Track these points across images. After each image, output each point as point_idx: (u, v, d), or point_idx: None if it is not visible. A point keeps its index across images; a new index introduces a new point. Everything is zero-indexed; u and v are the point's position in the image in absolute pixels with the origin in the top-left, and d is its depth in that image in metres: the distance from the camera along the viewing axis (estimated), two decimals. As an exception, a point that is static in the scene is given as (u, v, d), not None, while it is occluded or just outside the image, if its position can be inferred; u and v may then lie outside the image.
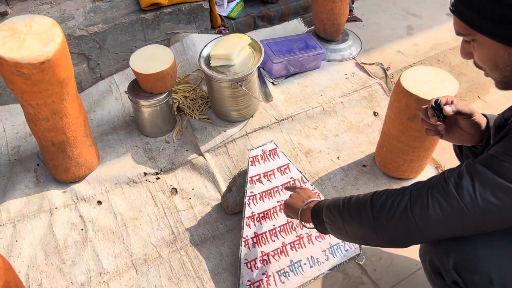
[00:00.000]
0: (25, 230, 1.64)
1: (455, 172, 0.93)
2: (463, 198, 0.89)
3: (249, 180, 1.62)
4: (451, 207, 0.91)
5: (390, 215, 0.99)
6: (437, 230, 0.95)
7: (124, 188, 1.79)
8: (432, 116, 1.13)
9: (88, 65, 2.15)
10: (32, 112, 1.54)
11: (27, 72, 1.35)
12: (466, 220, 0.90)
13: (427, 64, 2.35)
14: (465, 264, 1.00)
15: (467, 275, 1.00)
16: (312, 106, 2.07)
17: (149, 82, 1.82)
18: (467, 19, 0.91)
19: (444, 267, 1.04)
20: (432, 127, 1.18)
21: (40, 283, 1.52)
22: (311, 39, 2.28)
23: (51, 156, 1.70)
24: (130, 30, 2.14)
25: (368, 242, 1.10)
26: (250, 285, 1.48)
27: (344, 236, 1.14)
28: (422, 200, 0.95)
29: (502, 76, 0.95)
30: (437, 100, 1.11)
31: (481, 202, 0.87)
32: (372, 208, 1.03)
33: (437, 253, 1.05)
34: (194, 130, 1.97)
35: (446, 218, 0.92)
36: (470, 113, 1.13)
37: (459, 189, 0.90)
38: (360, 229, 1.07)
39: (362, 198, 1.09)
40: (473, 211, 0.88)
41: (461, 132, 1.18)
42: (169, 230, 1.68)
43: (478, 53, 0.95)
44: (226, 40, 1.89)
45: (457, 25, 0.96)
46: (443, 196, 0.92)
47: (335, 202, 1.15)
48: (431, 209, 0.93)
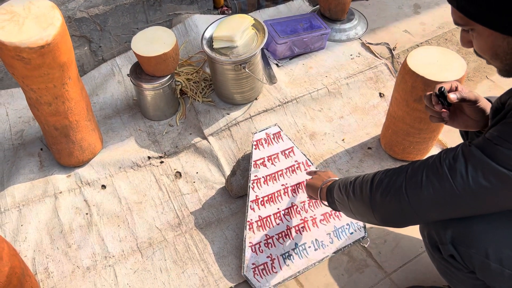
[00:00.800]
0: (30, 214, 1.65)
1: (450, 154, 0.93)
2: (455, 180, 0.90)
3: (253, 163, 1.61)
4: (443, 188, 0.92)
5: (385, 192, 1.02)
6: (429, 209, 0.97)
7: (128, 172, 1.79)
8: (436, 104, 1.12)
9: (90, 48, 2.12)
10: (33, 97, 1.53)
11: (27, 56, 1.33)
12: (457, 201, 0.92)
13: (434, 43, 2.30)
14: (462, 238, 1.01)
15: (463, 249, 1.02)
16: (317, 87, 2.04)
17: (151, 65, 1.79)
18: (464, 9, 0.89)
19: (441, 241, 1.05)
20: (436, 114, 1.16)
21: (46, 267, 1.53)
22: (315, 19, 2.23)
23: (54, 140, 1.70)
24: (132, 11, 2.10)
25: (367, 219, 1.13)
26: (255, 268, 1.49)
27: (350, 213, 1.20)
28: (416, 180, 0.96)
29: (503, 64, 0.93)
30: (441, 87, 1.10)
31: (472, 185, 0.88)
32: (371, 185, 1.07)
33: (435, 227, 1.07)
34: (198, 113, 1.96)
35: (437, 198, 0.93)
36: (474, 100, 1.12)
37: (452, 171, 0.90)
38: (360, 206, 1.11)
39: (366, 176, 1.12)
40: (464, 193, 0.89)
41: (465, 118, 1.16)
42: (173, 214, 1.68)
43: (477, 43, 0.94)
44: (229, 21, 1.86)
45: (454, 15, 0.94)
46: (437, 177, 0.93)
47: (345, 180, 1.21)
48: (424, 189, 0.95)
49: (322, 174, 1.42)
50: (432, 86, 1.52)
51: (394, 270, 1.53)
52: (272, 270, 1.50)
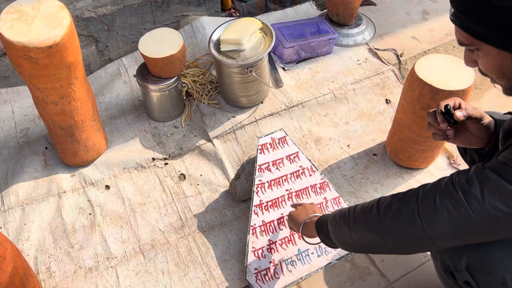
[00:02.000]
0: (33, 213, 1.65)
1: (463, 177, 0.90)
2: (471, 204, 0.86)
3: (258, 168, 1.60)
4: (459, 212, 0.88)
5: (396, 217, 0.97)
6: (444, 235, 0.92)
7: (132, 173, 1.79)
8: (442, 122, 1.09)
9: (97, 48, 2.12)
10: (40, 96, 1.53)
11: (34, 56, 1.33)
12: (474, 227, 0.88)
13: (442, 50, 2.29)
14: (478, 265, 0.98)
15: (480, 276, 0.99)
16: (323, 92, 2.04)
17: (158, 66, 1.79)
18: (469, 29, 0.87)
19: (456, 267, 1.02)
20: (441, 132, 1.14)
21: (48, 267, 1.53)
22: (323, 23, 2.23)
23: (60, 140, 1.70)
24: (139, 12, 2.10)
25: (375, 248, 1.07)
26: (257, 273, 1.48)
27: (350, 245, 1.11)
28: (429, 204, 0.92)
29: (510, 83, 0.91)
30: (447, 105, 1.08)
31: (490, 209, 0.84)
32: (379, 210, 1.01)
33: (450, 253, 1.04)
34: (203, 115, 1.95)
35: (453, 224, 0.89)
36: (480, 117, 1.10)
37: (467, 195, 0.87)
38: (367, 234, 1.04)
39: (368, 203, 1.07)
40: (481, 218, 0.86)
41: (469, 135, 1.14)
42: (177, 216, 1.68)
43: (483, 62, 0.91)
44: (237, 24, 1.85)
45: (459, 35, 0.91)
46: (451, 201, 0.89)
47: (341, 211, 1.14)
48: (438, 213, 0.90)
49: (308, 206, 1.35)
50: (439, 94, 1.52)
51: (397, 279, 1.52)
52: (274, 276, 1.49)
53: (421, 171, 1.83)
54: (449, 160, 1.87)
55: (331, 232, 1.16)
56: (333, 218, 1.15)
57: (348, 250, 1.17)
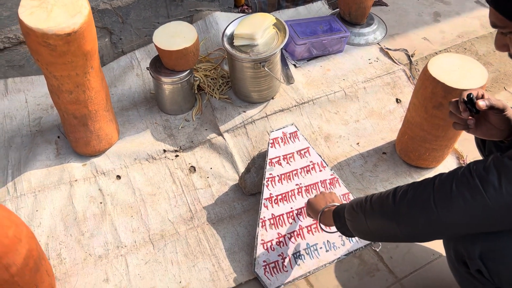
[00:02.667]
0: (45, 200, 1.66)
1: (481, 165, 0.91)
2: (488, 192, 0.87)
3: (269, 161, 1.61)
4: (475, 200, 0.89)
5: (412, 204, 0.98)
6: (459, 222, 0.93)
7: (143, 164, 1.80)
8: (464, 111, 1.09)
9: (110, 40, 2.14)
10: (55, 84, 1.55)
11: (53, 43, 1.35)
12: (490, 214, 0.89)
13: (453, 52, 2.30)
14: (491, 253, 0.99)
15: (492, 265, 0.99)
16: (334, 90, 2.04)
17: (171, 59, 1.80)
18: (505, 10, 0.87)
19: (469, 255, 1.03)
20: (462, 121, 1.14)
21: (59, 253, 1.55)
22: (335, 21, 2.24)
23: (73, 129, 1.71)
24: (154, 5, 2.12)
25: (390, 235, 1.08)
26: (266, 266, 1.49)
27: (366, 232, 1.14)
28: (445, 191, 0.93)
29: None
30: (470, 94, 1.08)
31: (507, 197, 0.85)
32: (395, 198, 1.03)
33: (463, 241, 1.04)
34: (214, 109, 1.97)
35: (468, 211, 0.90)
36: (502, 108, 1.10)
37: (485, 183, 0.88)
38: (382, 221, 1.06)
39: (385, 192, 1.09)
40: (498, 206, 0.87)
41: (490, 127, 1.14)
42: (186, 208, 1.69)
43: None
44: (251, 19, 1.87)
45: (493, 16, 0.91)
46: (468, 189, 0.90)
47: (358, 199, 1.17)
48: (454, 200, 0.91)
49: (327, 195, 1.38)
50: (452, 93, 1.52)
51: (405, 276, 1.52)
52: (283, 269, 1.50)
53: (430, 170, 1.83)
54: (458, 160, 1.87)
55: (348, 220, 1.18)
56: (350, 206, 1.18)
57: (364, 238, 1.19)
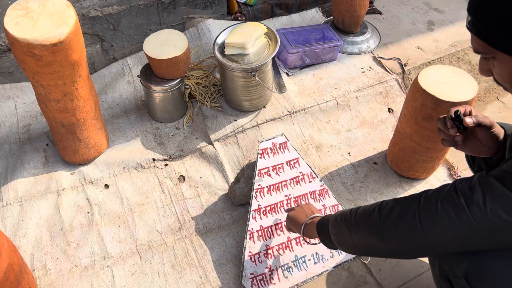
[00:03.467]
0: (32, 210, 1.65)
1: (466, 184, 0.90)
2: (472, 211, 0.86)
3: (258, 172, 1.60)
4: (460, 219, 0.88)
5: (398, 221, 0.97)
6: (444, 241, 0.92)
7: (132, 173, 1.79)
8: (451, 128, 1.09)
9: (102, 47, 2.13)
10: (43, 93, 1.53)
11: (38, 53, 1.33)
12: (474, 234, 0.88)
13: (446, 61, 2.29)
14: (476, 272, 0.98)
15: (477, 284, 0.98)
16: (326, 99, 2.03)
17: (161, 68, 1.79)
18: (486, 37, 0.87)
19: (454, 274, 1.02)
20: (450, 138, 1.14)
21: (44, 264, 1.53)
22: (328, 30, 2.23)
23: (61, 137, 1.70)
24: (146, 12, 2.11)
25: (375, 250, 1.07)
26: (253, 278, 1.47)
27: (350, 247, 1.12)
28: (430, 209, 0.92)
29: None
30: (457, 111, 1.08)
31: (491, 217, 0.84)
32: (380, 214, 1.01)
33: (448, 259, 1.04)
34: (205, 118, 1.95)
35: (453, 230, 0.89)
36: (490, 125, 1.10)
37: (469, 202, 0.87)
38: (367, 236, 1.05)
39: (369, 206, 1.07)
40: (482, 226, 0.86)
41: (478, 143, 1.14)
42: (175, 218, 1.68)
43: (498, 71, 0.91)
44: (242, 28, 1.86)
45: (475, 43, 0.91)
46: (453, 207, 0.89)
47: (342, 212, 1.15)
48: (439, 218, 0.90)
49: (305, 207, 1.36)
50: (442, 105, 1.51)
51: (394, 289, 1.51)
52: (270, 281, 1.49)
53: (421, 181, 1.82)
54: (449, 171, 1.86)
55: (332, 233, 1.16)
56: (335, 219, 1.15)
57: (348, 251, 1.17)
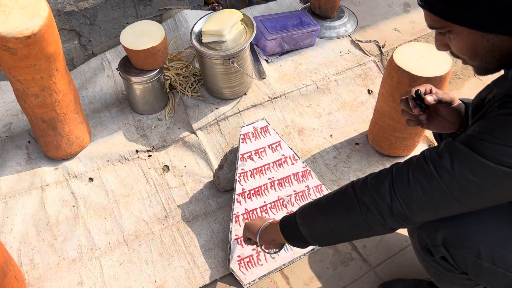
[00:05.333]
0: (16, 206, 1.64)
1: (434, 151, 0.92)
2: (442, 176, 0.88)
3: (240, 157, 1.62)
4: (431, 185, 0.90)
5: (373, 194, 0.97)
6: (419, 209, 0.94)
7: (115, 165, 1.79)
8: (414, 107, 1.11)
9: (80, 42, 2.12)
10: (20, 88, 1.53)
11: (13, 46, 1.33)
12: (446, 198, 0.90)
13: (423, 41, 2.32)
14: (453, 239, 1.00)
15: (455, 250, 1.00)
16: (306, 84, 2.05)
17: (139, 59, 1.80)
18: (440, 11, 0.88)
19: (433, 243, 1.04)
20: (414, 118, 1.16)
21: (32, 259, 1.53)
22: (306, 15, 2.25)
23: (42, 133, 1.69)
24: (122, 6, 2.10)
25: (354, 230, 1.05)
26: (240, 261, 1.49)
27: (326, 234, 1.07)
28: (402, 179, 0.94)
29: (482, 62, 0.93)
30: (418, 90, 1.10)
31: (460, 179, 0.86)
32: (354, 189, 1.01)
33: (426, 229, 1.05)
34: (187, 107, 1.96)
35: (426, 197, 0.91)
36: (450, 101, 1.12)
37: (438, 168, 0.89)
38: (345, 215, 1.03)
39: (340, 187, 1.06)
40: (452, 189, 0.88)
41: (442, 120, 1.17)
42: (160, 207, 1.69)
43: (455, 44, 0.92)
44: (218, 15, 1.86)
45: (429, 19, 0.92)
46: (423, 175, 0.91)
47: (310, 203, 1.12)
48: (411, 187, 0.92)
49: (265, 218, 1.29)
50: (417, 81, 1.54)
51: (379, 264, 1.54)
52: (257, 263, 1.51)
53: (402, 158, 1.86)
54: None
55: (301, 225, 1.10)
56: (302, 210, 1.12)
57: (322, 243, 1.13)
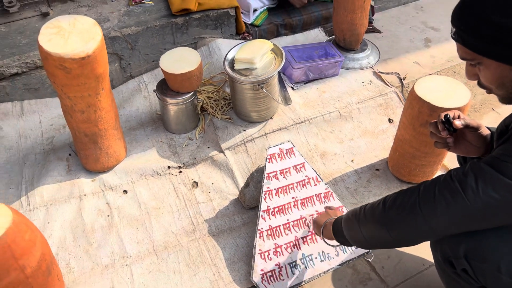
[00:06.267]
0: (56, 213, 1.77)
1: (460, 170, 1.01)
2: (467, 193, 0.96)
3: (266, 176, 1.71)
4: (455, 201, 0.98)
5: (400, 209, 1.07)
6: (443, 223, 1.02)
7: (148, 179, 1.91)
8: (443, 130, 1.21)
9: (120, 65, 2.29)
10: (69, 104, 1.68)
11: (68, 66, 1.48)
12: (469, 213, 0.98)
13: (442, 75, 2.42)
14: (475, 252, 1.06)
15: (476, 264, 1.07)
16: (329, 110, 2.16)
17: (176, 82, 1.94)
18: (471, 45, 0.98)
19: (455, 255, 1.10)
20: (442, 140, 1.26)
21: (68, 263, 1.64)
22: (330, 47, 2.38)
23: (83, 146, 1.83)
24: (161, 33, 2.28)
25: (381, 241, 1.16)
26: (263, 274, 1.57)
27: (361, 240, 1.23)
28: (429, 196, 1.03)
29: (508, 93, 1.03)
30: (447, 114, 1.20)
31: (483, 196, 0.94)
32: (384, 205, 1.13)
33: (449, 242, 1.12)
34: (216, 128, 2.09)
35: (450, 212, 0.99)
36: (477, 127, 1.22)
37: (464, 185, 0.97)
38: (374, 227, 1.15)
39: (376, 201, 1.18)
40: (475, 205, 0.96)
41: (467, 145, 1.25)
42: (189, 220, 1.79)
43: (484, 75, 1.02)
44: (250, 45, 2.01)
45: (461, 51, 1.03)
46: (449, 192, 0.99)
47: (354, 210, 1.27)
48: (437, 203, 1.00)
49: (330, 211, 1.49)
50: (437, 111, 1.63)
51: (396, 285, 1.59)
52: (279, 278, 1.58)
53: (421, 185, 1.92)
54: (448, 176, 1.96)
55: (344, 229, 1.28)
56: (347, 216, 1.28)
57: (359, 245, 1.28)
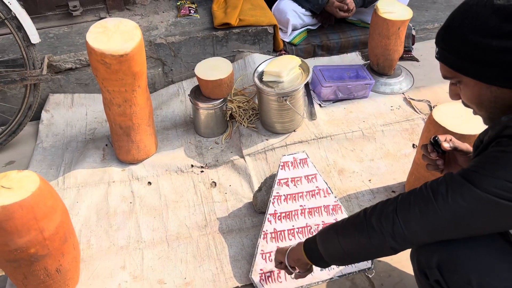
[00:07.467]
0: (85, 195, 1.95)
1: (435, 181, 1.04)
2: (437, 200, 1.00)
3: (277, 181, 1.80)
4: (427, 209, 1.01)
5: (379, 215, 1.10)
6: (417, 230, 1.04)
7: (172, 175, 2.06)
8: (431, 152, 1.26)
9: (163, 70, 2.49)
10: (108, 98, 1.87)
11: (108, 61, 1.67)
12: (440, 221, 1.00)
13: (476, 107, 2.39)
14: (447, 263, 1.08)
15: (448, 275, 1.08)
16: (353, 129, 2.21)
17: (208, 88, 2.09)
18: (451, 63, 1.04)
19: (428, 265, 1.12)
20: (432, 162, 1.29)
21: (88, 239, 1.80)
22: (363, 70, 2.44)
23: (118, 138, 2.01)
24: (202, 44, 2.46)
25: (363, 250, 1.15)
26: (262, 274, 1.63)
27: (340, 254, 1.18)
28: (405, 203, 1.06)
29: (488, 113, 1.06)
30: (435, 136, 1.25)
31: (452, 204, 0.97)
32: (365, 213, 1.14)
33: (424, 252, 1.14)
34: (241, 135, 2.21)
35: (423, 219, 1.02)
36: (466, 150, 1.25)
37: (435, 193, 1.01)
38: (354, 235, 1.14)
39: (355, 213, 1.19)
40: (445, 213, 0.99)
41: (458, 168, 1.28)
42: (202, 217, 1.90)
43: (464, 93, 1.07)
44: (280, 59, 2.13)
45: (443, 69, 1.08)
46: (422, 199, 1.03)
47: (329, 225, 1.24)
48: (411, 210, 1.04)
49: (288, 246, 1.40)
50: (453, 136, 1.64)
51: (393, 303, 1.60)
52: (277, 279, 1.64)
53: (435, 211, 1.91)
54: (464, 206, 1.93)
55: (319, 243, 1.22)
56: (322, 231, 1.25)
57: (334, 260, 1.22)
